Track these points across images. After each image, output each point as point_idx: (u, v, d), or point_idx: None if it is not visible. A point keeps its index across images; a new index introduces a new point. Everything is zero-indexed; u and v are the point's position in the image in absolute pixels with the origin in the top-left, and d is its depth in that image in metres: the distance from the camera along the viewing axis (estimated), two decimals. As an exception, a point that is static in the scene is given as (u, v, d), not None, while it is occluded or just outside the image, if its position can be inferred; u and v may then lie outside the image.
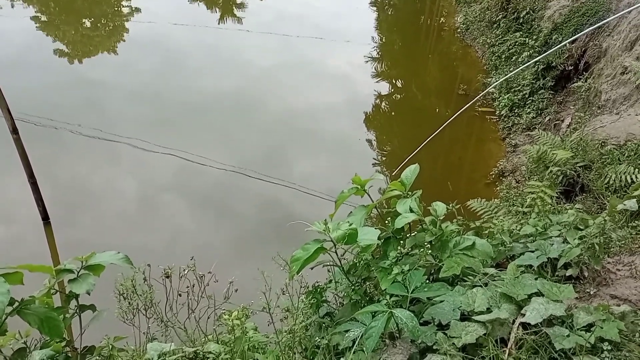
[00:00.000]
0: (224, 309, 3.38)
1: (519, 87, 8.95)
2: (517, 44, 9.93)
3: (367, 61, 12.95)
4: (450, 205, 3.70)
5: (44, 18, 14.42)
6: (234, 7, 16.89)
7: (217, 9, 16.49)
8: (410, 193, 3.37)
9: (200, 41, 13.43)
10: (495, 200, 6.31)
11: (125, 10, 15.22)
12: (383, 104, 11.43)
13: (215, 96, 10.55)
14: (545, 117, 8.19)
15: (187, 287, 3.58)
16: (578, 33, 8.73)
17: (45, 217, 6.92)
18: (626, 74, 7.37)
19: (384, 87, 12.04)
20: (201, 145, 8.61)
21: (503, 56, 10.25)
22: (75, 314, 2.66)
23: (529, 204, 4.20)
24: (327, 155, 9.07)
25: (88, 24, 14.49)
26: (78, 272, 2.62)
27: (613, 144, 5.84)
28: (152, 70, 11.54)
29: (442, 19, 14.98)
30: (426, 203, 3.46)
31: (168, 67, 11.84)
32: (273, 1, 17.61)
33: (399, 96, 12.04)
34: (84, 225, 7.11)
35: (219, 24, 15.10)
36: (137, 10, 14.80)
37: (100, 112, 9.58)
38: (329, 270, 3.45)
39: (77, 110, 9.51)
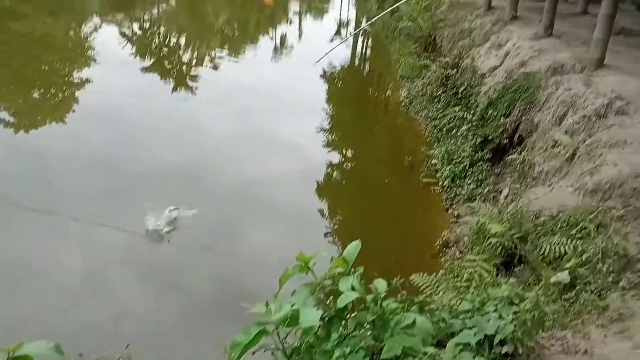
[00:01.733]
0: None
1: (460, 159, 9.41)
2: (456, 117, 10.54)
3: (318, 132, 13.29)
4: (394, 280, 3.76)
5: (-10, 87, 14.21)
6: (187, 78, 17.22)
7: (171, 80, 16.75)
8: (353, 270, 3.42)
9: (152, 111, 13.49)
10: (441, 271, 6.45)
11: (76, 80, 15.22)
12: (335, 173, 11.67)
13: (166, 167, 10.49)
14: (484, 188, 8.58)
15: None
16: (511, 108, 9.41)
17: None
18: (556, 147, 7.90)
19: (335, 157, 12.34)
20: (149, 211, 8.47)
21: (444, 129, 10.82)
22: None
23: (467, 278, 4.33)
24: (281, 225, 9.05)
25: (37, 94, 14.35)
26: (2, 367, 2.47)
27: (547, 216, 6.17)
28: (102, 141, 11.41)
29: (388, 92, 15.80)
30: (372, 277, 3.51)
31: (119, 137, 11.74)
32: (227, 72, 18.09)
33: (349, 165, 12.34)
34: (21, 307, 6.70)
35: (172, 94, 15.28)
36: (88, 80, 14.83)
37: (44, 184, 9.30)
38: (272, 354, 3.38)
39: (19, 182, 9.21)
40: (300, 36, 25.57)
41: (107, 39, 20.11)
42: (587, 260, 4.59)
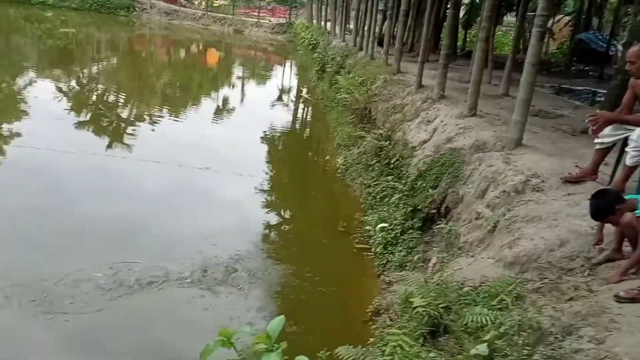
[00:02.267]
0: None
1: (392, 226, 9.71)
2: (388, 186, 10.98)
3: (257, 192, 13.35)
4: (322, 353, 3.79)
5: None
6: (124, 135, 16.99)
7: (106, 136, 16.45)
8: (276, 346, 3.41)
9: (85, 167, 13.12)
10: (371, 339, 6.49)
11: (5, 133, 14.64)
12: (271, 234, 11.66)
13: (97, 222, 10.09)
14: (414, 256, 8.83)
15: None
16: (439, 181, 9.93)
17: None
18: (479, 219, 8.33)
19: (272, 218, 12.37)
20: (75, 277, 8.03)
21: (378, 197, 11.20)
22: None
23: (390, 352, 4.41)
24: (216, 287, 8.82)
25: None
26: None
27: (470, 286, 6.42)
28: (28, 194, 10.91)
29: (326, 158, 16.26)
30: (307, 345, 3.50)
31: (47, 192, 11.29)
32: (166, 131, 18.04)
33: (285, 227, 12.39)
34: None
35: (107, 150, 14.97)
36: (18, 134, 14.32)
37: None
38: None
39: None
40: (242, 100, 26.14)
41: (42, 93, 19.68)
42: (504, 333, 4.79)
